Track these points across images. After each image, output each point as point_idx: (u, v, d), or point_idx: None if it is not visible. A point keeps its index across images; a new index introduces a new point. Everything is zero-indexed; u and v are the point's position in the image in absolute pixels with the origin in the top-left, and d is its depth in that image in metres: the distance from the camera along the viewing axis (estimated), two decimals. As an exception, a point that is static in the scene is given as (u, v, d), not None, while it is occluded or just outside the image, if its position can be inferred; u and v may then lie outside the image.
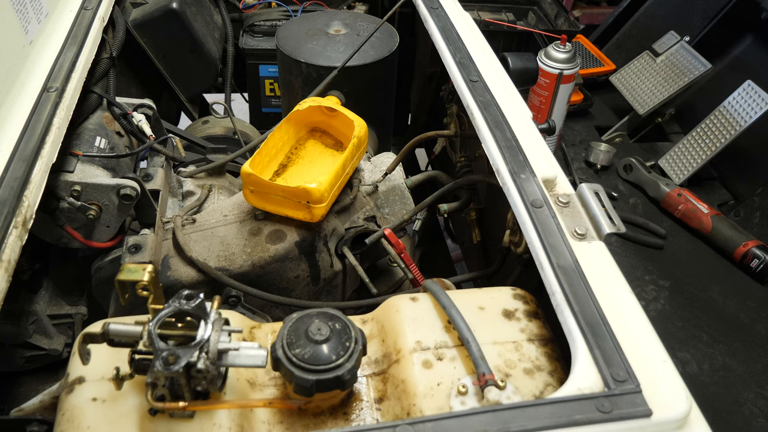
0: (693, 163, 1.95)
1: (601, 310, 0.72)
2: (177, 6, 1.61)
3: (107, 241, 1.10)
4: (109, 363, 0.67)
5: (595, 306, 0.72)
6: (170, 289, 1.06)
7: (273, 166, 1.19)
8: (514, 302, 0.82)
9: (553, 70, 1.81)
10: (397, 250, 1.18)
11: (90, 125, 1.18)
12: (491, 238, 1.30)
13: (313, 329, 0.66)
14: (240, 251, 1.09)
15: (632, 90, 2.19)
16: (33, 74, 0.95)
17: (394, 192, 1.30)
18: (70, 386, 0.66)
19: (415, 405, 0.68)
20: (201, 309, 0.62)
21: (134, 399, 0.65)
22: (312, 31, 1.57)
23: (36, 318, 1.17)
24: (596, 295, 0.74)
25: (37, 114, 0.87)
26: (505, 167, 0.90)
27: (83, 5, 1.16)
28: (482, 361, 0.69)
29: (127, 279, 0.63)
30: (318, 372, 0.64)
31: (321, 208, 1.07)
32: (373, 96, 1.57)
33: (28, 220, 0.73)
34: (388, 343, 0.77)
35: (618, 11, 2.59)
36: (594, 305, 0.72)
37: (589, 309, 0.71)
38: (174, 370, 0.57)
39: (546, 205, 0.83)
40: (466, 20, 1.31)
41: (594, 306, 0.72)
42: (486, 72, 1.12)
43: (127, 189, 1.04)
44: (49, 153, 0.82)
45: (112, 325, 0.61)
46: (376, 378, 0.74)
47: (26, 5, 0.99)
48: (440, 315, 0.78)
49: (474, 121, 1.01)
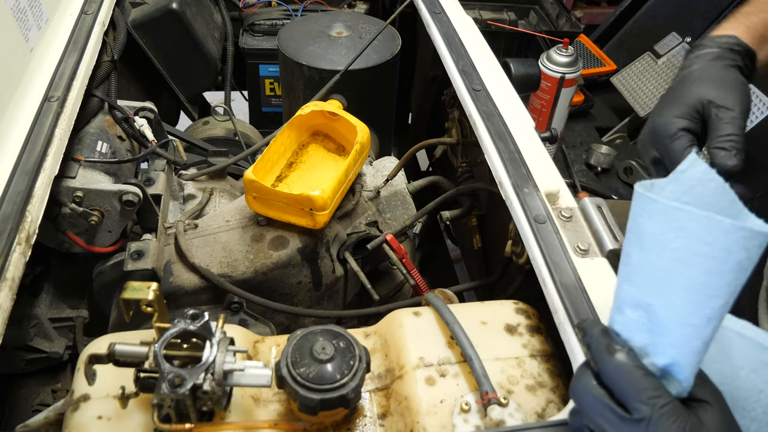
0: (693, 165, 1.94)
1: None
2: (177, 6, 1.59)
3: (109, 246, 1.10)
4: (113, 380, 0.67)
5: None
6: (172, 295, 1.06)
7: (275, 171, 1.19)
8: (516, 317, 0.82)
9: (555, 74, 1.81)
10: (399, 256, 1.19)
11: (91, 129, 1.18)
12: (492, 245, 1.31)
13: (317, 348, 0.66)
14: (242, 257, 1.10)
15: (633, 91, 2.19)
16: (34, 83, 0.94)
17: (396, 197, 1.31)
18: (76, 404, 0.66)
19: (419, 422, 0.69)
20: (206, 329, 0.62)
21: (139, 417, 0.65)
22: (314, 33, 1.57)
23: (37, 321, 1.17)
24: (598, 312, 0.74)
25: (38, 125, 0.86)
26: (508, 181, 0.90)
27: (83, 9, 1.15)
28: (485, 379, 0.70)
29: (131, 297, 0.64)
30: (322, 391, 0.64)
31: (324, 215, 1.08)
32: (374, 99, 1.56)
33: (31, 235, 0.73)
34: (391, 358, 0.77)
35: (619, 10, 2.58)
36: (596, 323, 0.72)
37: (591, 327, 0.72)
38: (180, 392, 0.57)
39: (549, 220, 0.83)
40: (468, 25, 1.30)
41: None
42: (488, 80, 1.11)
43: (130, 195, 1.04)
44: (52, 165, 0.82)
45: (117, 346, 0.61)
46: (380, 393, 0.75)
47: (26, 12, 0.98)
48: (443, 330, 0.79)
49: (477, 131, 1.01)
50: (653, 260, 0.54)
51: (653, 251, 0.54)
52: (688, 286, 0.52)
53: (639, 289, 0.55)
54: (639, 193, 0.55)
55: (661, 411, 0.51)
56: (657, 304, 0.53)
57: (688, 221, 0.51)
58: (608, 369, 0.54)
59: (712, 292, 0.51)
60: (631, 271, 0.56)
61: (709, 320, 0.52)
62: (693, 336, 0.52)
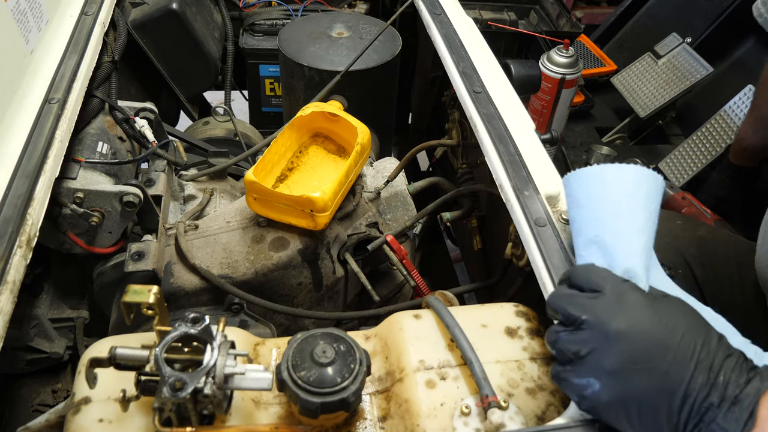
0: (693, 166, 1.95)
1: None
2: (177, 6, 1.59)
3: (109, 247, 1.10)
4: (114, 383, 0.67)
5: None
6: (173, 296, 1.06)
7: (276, 172, 1.19)
8: (516, 320, 0.82)
9: (556, 75, 1.81)
10: (399, 257, 1.19)
11: (92, 130, 1.17)
12: (492, 247, 1.31)
13: (318, 351, 0.66)
14: (243, 259, 1.10)
15: (633, 92, 2.19)
16: (34, 85, 0.93)
17: (396, 198, 1.31)
18: (77, 406, 0.66)
19: (419, 425, 0.69)
20: (207, 332, 0.62)
21: (140, 420, 0.65)
22: (314, 34, 1.56)
23: (37, 322, 1.17)
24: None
25: (39, 127, 0.86)
26: (508, 183, 0.90)
27: (83, 10, 1.14)
28: (485, 382, 0.70)
29: (132, 301, 0.64)
30: (323, 394, 0.64)
31: (324, 216, 1.08)
32: (375, 100, 1.56)
33: (32, 238, 0.73)
34: (391, 361, 0.77)
35: (620, 11, 2.58)
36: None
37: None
38: (181, 396, 0.57)
39: (549, 223, 0.84)
40: (468, 26, 1.30)
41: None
42: (489, 82, 1.11)
43: (130, 196, 1.04)
44: (52, 168, 0.82)
45: (118, 349, 0.61)
46: (380, 396, 0.75)
47: (27, 14, 0.98)
48: (443, 333, 0.79)
49: (477, 133, 1.01)
50: (590, 208, 0.73)
51: (587, 203, 0.73)
52: (618, 214, 0.71)
53: (587, 231, 0.72)
54: (568, 175, 0.77)
55: (620, 283, 0.64)
56: (602, 234, 0.70)
57: (606, 173, 0.74)
58: (575, 271, 0.67)
59: (635, 213, 0.71)
60: (577, 225, 0.74)
61: (640, 231, 0.70)
62: (634, 244, 0.69)
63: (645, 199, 0.72)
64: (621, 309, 0.60)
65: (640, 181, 0.73)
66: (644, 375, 0.57)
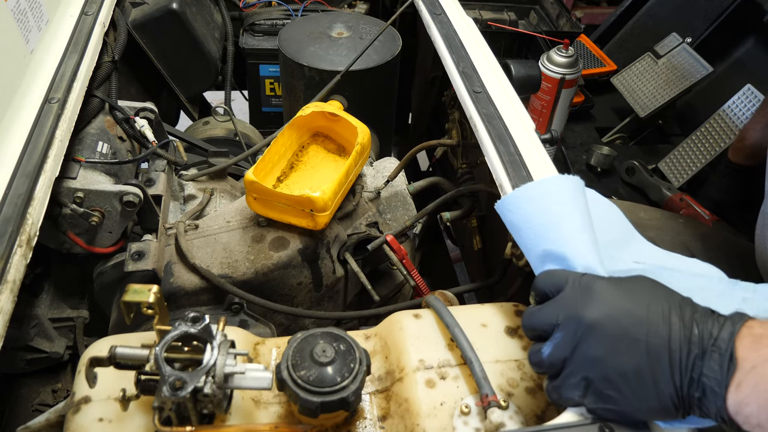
0: (692, 166, 1.95)
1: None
2: (177, 6, 1.59)
3: (109, 247, 1.10)
4: (114, 382, 0.67)
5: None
6: (173, 295, 1.06)
7: (276, 172, 1.19)
8: (516, 319, 0.82)
9: (555, 75, 1.81)
10: (399, 256, 1.19)
11: (92, 130, 1.18)
12: (492, 246, 1.31)
13: (317, 351, 0.66)
14: (243, 258, 1.10)
15: (633, 92, 2.19)
16: (34, 85, 0.93)
17: (397, 198, 1.31)
18: (77, 406, 0.66)
19: (419, 425, 0.69)
20: (207, 332, 0.62)
21: (140, 419, 0.65)
22: (314, 34, 1.57)
23: (37, 321, 1.17)
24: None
25: (39, 127, 0.86)
26: (508, 183, 0.90)
27: (84, 10, 1.14)
28: (485, 381, 0.70)
29: (132, 300, 0.64)
30: (323, 394, 0.64)
31: (324, 216, 1.08)
32: (375, 100, 1.56)
33: (32, 237, 0.73)
34: (391, 361, 0.77)
35: (620, 10, 2.58)
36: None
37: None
38: (181, 395, 0.57)
39: (549, 223, 0.83)
40: (468, 26, 1.30)
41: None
42: (489, 82, 1.11)
43: (130, 196, 1.04)
44: (52, 167, 0.82)
45: (118, 348, 0.61)
46: (380, 395, 0.75)
47: (27, 14, 0.98)
48: (443, 332, 0.79)
49: (477, 133, 1.01)
50: (528, 228, 0.77)
51: (525, 224, 0.78)
52: (556, 223, 0.75)
53: (535, 250, 0.76)
54: (497, 205, 0.83)
55: (580, 276, 0.67)
56: (548, 247, 0.74)
57: (530, 191, 0.79)
58: (536, 281, 0.71)
59: (571, 216, 0.75)
60: (525, 247, 0.78)
61: (581, 230, 0.74)
62: (581, 243, 0.73)
63: (573, 201, 0.77)
64: (590, 298, 0.63)
65: (562, 187, 0.78)
66: (630, 351, 0.60)
